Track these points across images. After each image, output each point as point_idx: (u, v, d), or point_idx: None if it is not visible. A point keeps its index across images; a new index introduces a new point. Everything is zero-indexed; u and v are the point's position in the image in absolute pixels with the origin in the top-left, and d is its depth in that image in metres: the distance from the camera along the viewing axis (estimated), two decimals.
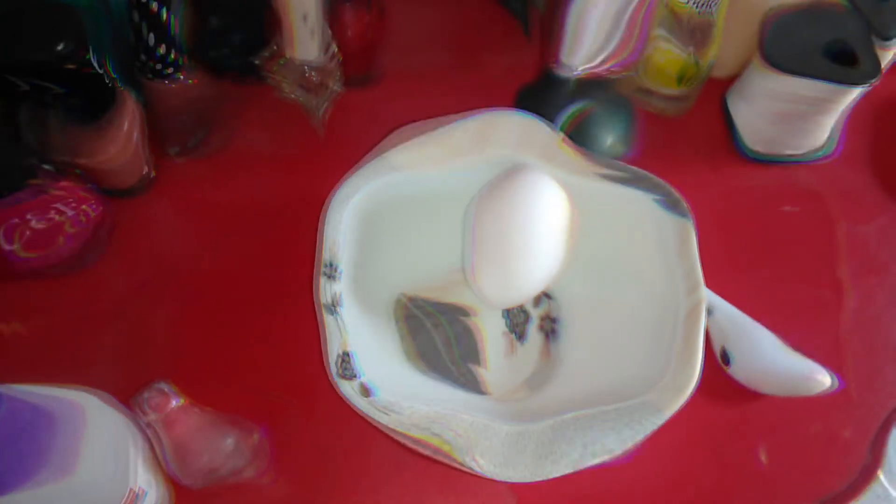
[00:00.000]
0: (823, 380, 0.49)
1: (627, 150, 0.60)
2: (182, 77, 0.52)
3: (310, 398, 0.49)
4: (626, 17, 0.50)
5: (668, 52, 0.60)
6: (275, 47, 0.55)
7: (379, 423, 0.41)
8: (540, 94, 0.57)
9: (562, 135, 0.49)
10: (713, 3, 0.55)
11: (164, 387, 0.43)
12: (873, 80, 0.53)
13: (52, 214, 0.48)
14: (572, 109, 0.56)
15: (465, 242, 0.51)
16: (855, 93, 0.55)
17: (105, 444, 0.35)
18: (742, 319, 0.51)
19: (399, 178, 0.47)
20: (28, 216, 0.48)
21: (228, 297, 0.53)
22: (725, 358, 0.50)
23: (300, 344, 0.49)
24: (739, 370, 0.50)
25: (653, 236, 0.48)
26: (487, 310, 0.53)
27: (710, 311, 0.51)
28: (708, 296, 0.51)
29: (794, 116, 0.59)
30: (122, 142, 0.49)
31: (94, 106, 0.47)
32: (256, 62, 0.56)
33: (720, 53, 0.62)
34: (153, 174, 0.56)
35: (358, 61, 0.60)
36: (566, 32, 0.50)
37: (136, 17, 0.47)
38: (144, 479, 0.40)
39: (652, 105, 0.65)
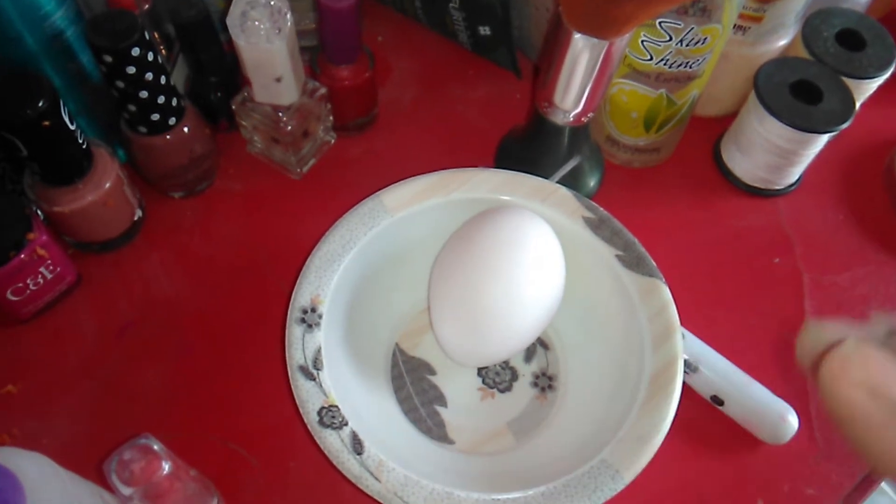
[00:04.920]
0: (793, 421, 0.48)
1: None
2: (179, 125, 0.53)
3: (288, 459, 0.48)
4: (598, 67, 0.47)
5: (633, 93, 0.55)
6: (245, 94, 0.56)
7: (368, 489, 0.38)
8: (531, 141, 0.57)
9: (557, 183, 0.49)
10: (693, 63, 0.52)
11: (151, 443, 0.35)
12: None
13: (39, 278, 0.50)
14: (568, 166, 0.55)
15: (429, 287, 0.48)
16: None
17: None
18: (730, 370, 0.50)
19: (395, 223, 0.47)
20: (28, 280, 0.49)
21: (209, 349, 0.52)
22: (717, 400, 0.50)
23: (283, 402, 0.49)
24: (732, 409, 0.50)
25: (617, 290, 0.46)
26: (456, 368, 0.49)
27: (694, 368, 0.50)
28: (695, 349, 0.50)
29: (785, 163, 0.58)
30: (100, 193, 0.51)
31: (70, 161, 0.49)
32: (233, 107, 0.57)
33: (710, 89, 0.58)
34: (142, 219, 0.57)
35: (352, 107, 0.61)
36: (561, 74, 0.48)
37: (127, 76, 0.48)
38: None
39: (616, 157, 0.62)
